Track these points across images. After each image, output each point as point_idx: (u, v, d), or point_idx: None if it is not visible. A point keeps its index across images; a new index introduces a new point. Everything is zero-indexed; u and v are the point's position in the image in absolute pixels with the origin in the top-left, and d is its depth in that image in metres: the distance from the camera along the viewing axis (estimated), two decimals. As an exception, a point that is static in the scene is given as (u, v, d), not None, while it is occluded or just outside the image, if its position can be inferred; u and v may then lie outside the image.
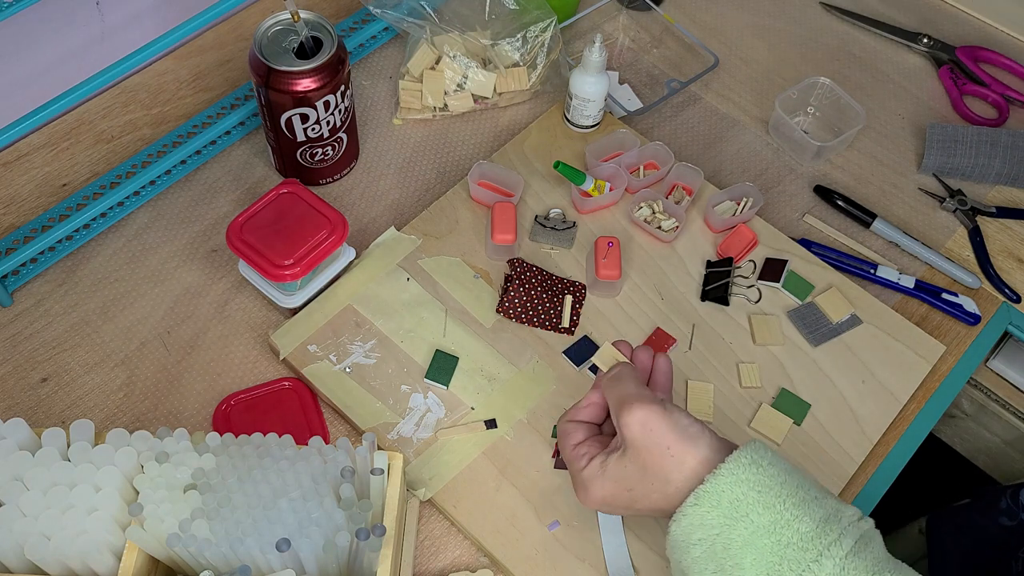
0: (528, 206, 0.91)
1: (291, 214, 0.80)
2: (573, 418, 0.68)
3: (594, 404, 0.68)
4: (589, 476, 0.64)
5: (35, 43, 0.90)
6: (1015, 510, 1.03)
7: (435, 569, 0.74)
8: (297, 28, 0.82)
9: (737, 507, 0.58)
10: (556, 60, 0.98)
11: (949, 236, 0.95)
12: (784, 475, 0.60)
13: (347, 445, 0.64)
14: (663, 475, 0.61)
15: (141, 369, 0.82)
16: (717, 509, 0.59)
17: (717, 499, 0.59)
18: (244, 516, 0.59)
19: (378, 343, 0.82)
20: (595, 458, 0.64)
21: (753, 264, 0.88)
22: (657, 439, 0.61)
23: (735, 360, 0.83)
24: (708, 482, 0.59)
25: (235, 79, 1.00)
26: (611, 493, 0.63)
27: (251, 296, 0.86)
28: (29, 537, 0.59)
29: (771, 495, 0.58)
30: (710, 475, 0.59)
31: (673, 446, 0.61)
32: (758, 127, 1.01)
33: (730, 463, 0.59)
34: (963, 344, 0.88)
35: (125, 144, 0.95)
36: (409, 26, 0.96)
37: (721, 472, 0.59)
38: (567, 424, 0.68)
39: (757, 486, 0.59)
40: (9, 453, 0.62)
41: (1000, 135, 0.98)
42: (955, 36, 1.10)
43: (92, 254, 0.88)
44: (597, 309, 0.85)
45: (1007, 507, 1.04)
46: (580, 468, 0.65)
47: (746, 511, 0.58)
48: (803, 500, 0.59)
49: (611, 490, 0.63)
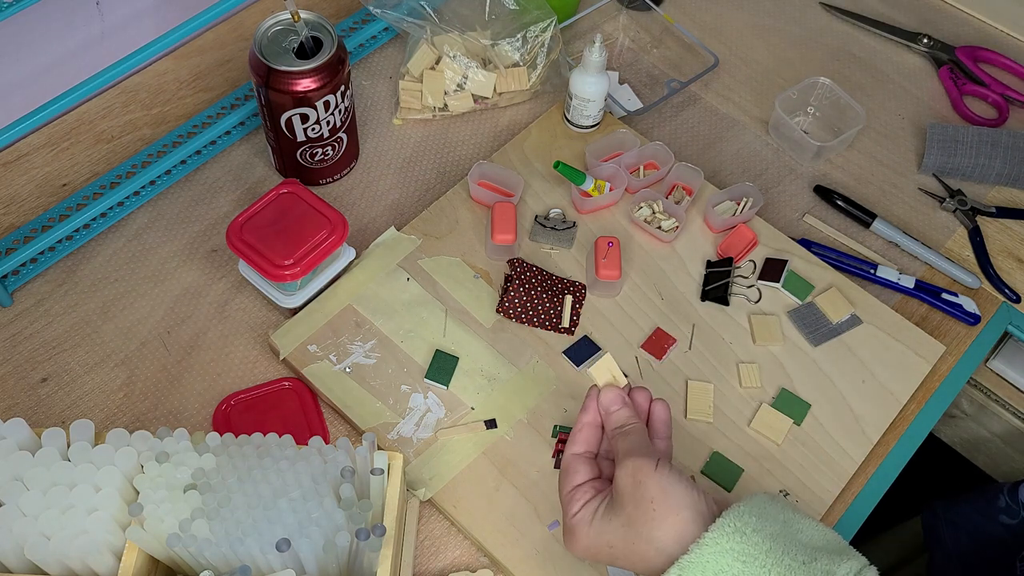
0: (528, 206, 0.91)
1: (291, 214, 0.80)
2: (573, 449, 0.66)
3: (588, 425, 0.66)
4: (578, 522, 0.62)
5: (35, 43, 0.90)
6: (1015, 508, 1.03)
7: (435, 569, 0.74)
8: (297, 28, 0.82)
9: None
10: (556, 60, 0.98)
11: (949, 236, 0.95)
12: (770, 542, 0.57)
13: (347, 445, 0.64)
14: (644, 533, 0.59)
15: (141, 369, 0.82)
16: None
17: (701, 569, 0.56)
18: (244, 516, 0.59)
19: (378, 343, 0.82)
20: (588, 503, 0.62)
21: (753, 264, 0.88)
22: (644, 492, 0.59)
23: (735, 360, 0.83)
24: (692, 552, 0.57)
25: (235, 79, 1.00)
26: (595, 545, 0.61)
27: (251, 296, 0.86)
28: (29, 537, 0.59)
29: (756, 565, 0.56)
30: (694, 545, 0.57)
31: (657, 500, 0.59)
32: (758, 127, 1.01)
33: (714, 532, 0.57)
34: (963, 344, 0.88)
35: (125, 144, 0.95)
36: (409, 26, 0.96)
37: (705, 542, 0.57)
38: (569, 459, 0.66)
39: (741, 556, 0.56)
40: (9, 453, 0.62)
41: (1000, 135, 0.98)
42: (955, 36, 1.10)
43: (92, 254, 0.88)
44: (597, 309, 0.85)
45: (1006, 505, 1.04)
46: (572, 513, 0.63)
47: None
48: (788, 569, 0.56)
49: (595, 543, 0.61)
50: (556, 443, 0.77)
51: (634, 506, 0.59)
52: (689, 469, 0.78)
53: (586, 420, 0.66)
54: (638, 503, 0.59)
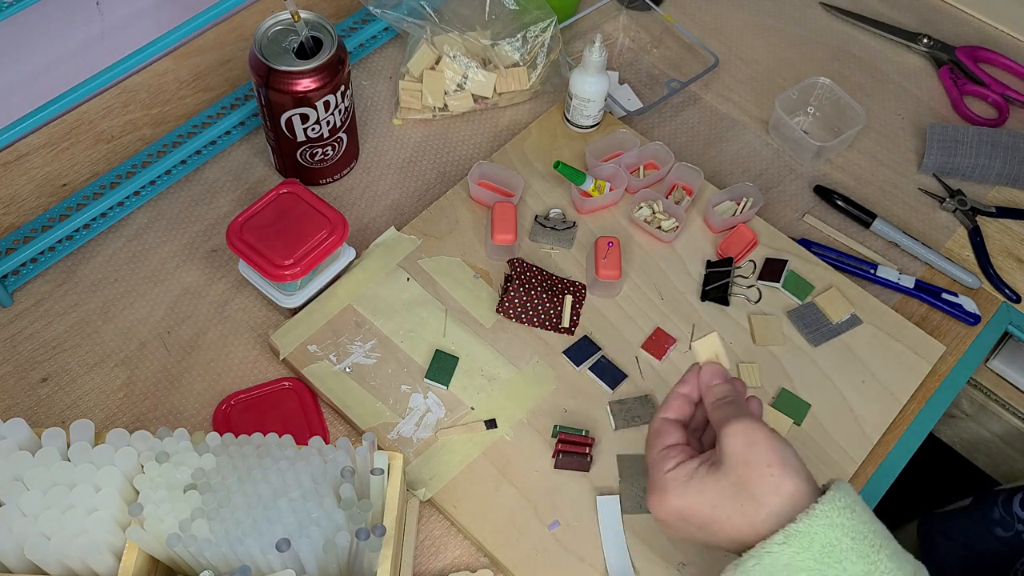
0: (528, 206, 0.91)
1: (291, 214, 0.80)
2: (665, 414, 0.65)
3: (682, 396, 0.66)
4: (671, 480, 0.60)
5: (35, 43, 0.90)
6: (1009, 520, 1.02)
7: (435, 569, 0.74)
8: (297, 28, 0.82)
9: (830, 552, 0.55)
10: (556, 60, 0.98)
11: (949, 236, 0.95)
12: (874, 523, 0.57)
13: (347, 445, 0.64)
14: (758, 496, 0.57)
15: (141, 369, 0.82)
16: (808, 551, 0.55)
17: (809, 541, 0.55)
18: (244, 516, 0.59)
19: (378, 343, 0.82)
20: (684, 463, 0.61)
21: (753, 264, 0.88)
22: (760, 455, 0.58)
23: (735, 360, 0.83)
24: (801, 521, 0.56)
25: (235, 79, 1.00)
26: (690, 506, 0.59)
27: (251, 296, 0.86)
28: (29, 537, 0.59)
29: (865, 544, 0.56)
30: (803, 514, 0.56)
31: (775, 465, 0.58)
32: (758, 127, 1.01)
33: (825, 504, 0.56)
34: (963, 344, 0.88)
35: (125, 144, 0.95)
36: (409, 26, 0.96)
37: (815, 513, 0.56)
38: (660, 422, 0.65)
39: (851, 532, 0.56)
40: (9, 453, 0.62)
41: (1000, 135, 0.98)
42: (955, 36, 1.10)
43: (92, 254, 0.88)
44: (597, 309, 0.85)
45: (1000, 517, 1.03)
46: (665, 470, 0.61)
47: (839, 557, 0.55)
48: (895, 552, 0.56)
49: (692, 503, 0.59)
50: (556, 443, 0.77)
51: (746, 467, 0.58)
52: (689, 469, 0.78)
53: (682, 391, 0.66)
54: (752, 465, 0.58)
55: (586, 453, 0.75)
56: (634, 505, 0.75)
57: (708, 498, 0.59)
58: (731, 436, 0.59)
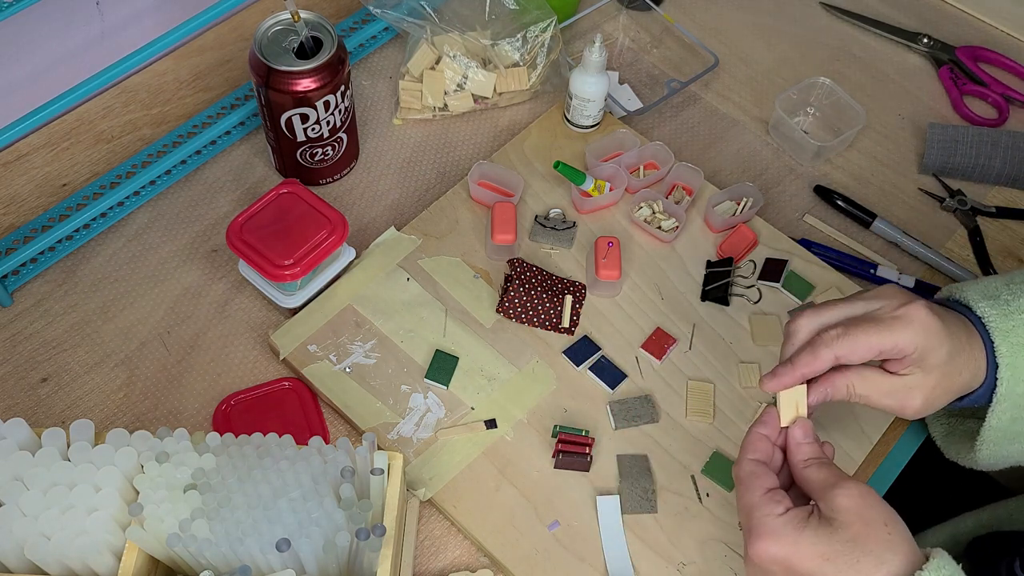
0: (528, 206, 0.91)
1: (291, 214, 0.80)
2: (752, 455, 0.64)
3: (764, 438, 0.65)
4: (784, 526, 0.59)
5: (35, 43, 0.90)
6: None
7: (435, 569, 0.74)
8: (297, 28, 0.82)
9: None
10: (556, 60, 0.98)
11: (949, 236, 0.95)
12: None
13: (347, 445, 0.64)
14: (876, 553, 0.57)
15: (141, 369, 0.82)
16: None
17: None
18: (244, 516, 0.59)
19: (378, 343, 0.82)
20: (794, 511, 0.60)
21: (753, 264, 0.88)
22: (874, 515, 0.58)
23: (735, 360, 0.83)
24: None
25: (235, 79, 1.00)
26: (801, 555, 0.58)
27: (251, 296, 0.86)
28: (29, 537, 0.59)
29: None
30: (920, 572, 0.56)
31: (891, 525, 0.58)
32: (758, 127, 1.01)
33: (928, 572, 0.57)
34: (963, 344, 0.87)
35: (125, 144, 0.95)
36: (409, 26, 0.96)
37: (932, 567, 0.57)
38: (751, 464, 0.63)
39: None
40: (9, 453, 0.62)
41: (1000, 135, 0.98)
42: (955, 36, 1.10)
43: (92, 254, 0.88)
44: (597, 309, 0.85)
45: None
46: (776, 514, 0.59)
47: None
48: None
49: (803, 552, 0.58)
50: (556, 443, 0.77)
51: (864, 525, 0.58)
52: (689, 469, 0.78)
53: (763, 432, 0.65)
54: (869, 523, 0.58)
55: (586, 453, 0.75)
56: (634, 505, 0.75)
57: (820, 550, 0.58)
58: (846, 495, 0.59)
